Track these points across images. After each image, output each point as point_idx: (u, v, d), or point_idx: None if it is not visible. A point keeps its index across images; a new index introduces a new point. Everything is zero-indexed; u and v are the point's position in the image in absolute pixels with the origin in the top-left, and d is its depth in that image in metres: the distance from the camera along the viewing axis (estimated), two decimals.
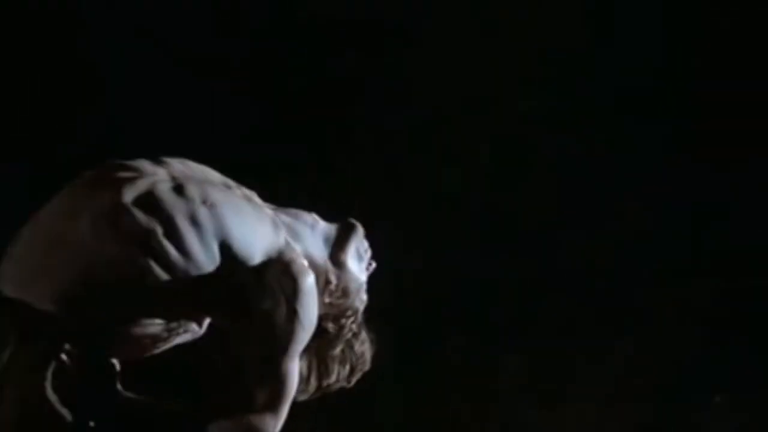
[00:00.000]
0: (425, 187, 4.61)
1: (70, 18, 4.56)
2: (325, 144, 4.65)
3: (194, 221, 2.20)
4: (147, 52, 4.55)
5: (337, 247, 2.44)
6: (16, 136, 4.34)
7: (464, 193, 4.56)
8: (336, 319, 2.41)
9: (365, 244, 2.49)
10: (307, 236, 2.40)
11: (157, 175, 2.25)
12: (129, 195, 2.19)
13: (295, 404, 2.32)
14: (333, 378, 2.42)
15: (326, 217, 2.53)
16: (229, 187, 2.33)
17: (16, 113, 4.39)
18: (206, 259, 2.21)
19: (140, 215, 2.17)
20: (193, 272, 2.20)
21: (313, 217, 2.46)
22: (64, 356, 2.14)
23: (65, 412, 2.14)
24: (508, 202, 4.50)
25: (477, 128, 4.64)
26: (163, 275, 2.17)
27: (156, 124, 4.30)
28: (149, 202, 2.19)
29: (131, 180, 2.22)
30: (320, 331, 2.34)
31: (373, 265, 2.49)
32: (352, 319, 2.44)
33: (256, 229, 2.28)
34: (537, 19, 4.71)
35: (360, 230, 2.48)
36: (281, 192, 2.57)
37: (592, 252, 4.43)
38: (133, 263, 2.15)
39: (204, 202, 2.22)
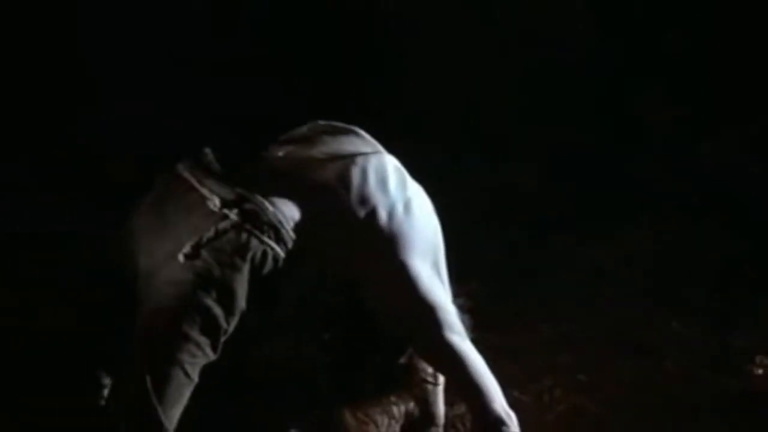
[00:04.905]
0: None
1: (69, 18, 4.57)
2: None
3: (408, 211, 2.55)
4: (147, 52, 4.56)
5: None
6: (16, 136, 4.34)
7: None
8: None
9: None
10: None
11: (388, 164, 2.58)
12: (371, 165, 2.55)
13: None
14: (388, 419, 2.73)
15: None
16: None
17: (16, 113, 4.40)
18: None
19: (371, 183, 2.53)
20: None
21: None
22: (265, 250, 2.42)
23: (242, 300, 2.39)
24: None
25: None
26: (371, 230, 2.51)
27: (156, 124, 4.30)
28: (381, 177, 2.55)
29: (373, 154, 2.57)
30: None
31: None
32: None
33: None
34: (538, 12, 4.75)
35: None
36: None
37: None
38: (353, 213, 2.51)
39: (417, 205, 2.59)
